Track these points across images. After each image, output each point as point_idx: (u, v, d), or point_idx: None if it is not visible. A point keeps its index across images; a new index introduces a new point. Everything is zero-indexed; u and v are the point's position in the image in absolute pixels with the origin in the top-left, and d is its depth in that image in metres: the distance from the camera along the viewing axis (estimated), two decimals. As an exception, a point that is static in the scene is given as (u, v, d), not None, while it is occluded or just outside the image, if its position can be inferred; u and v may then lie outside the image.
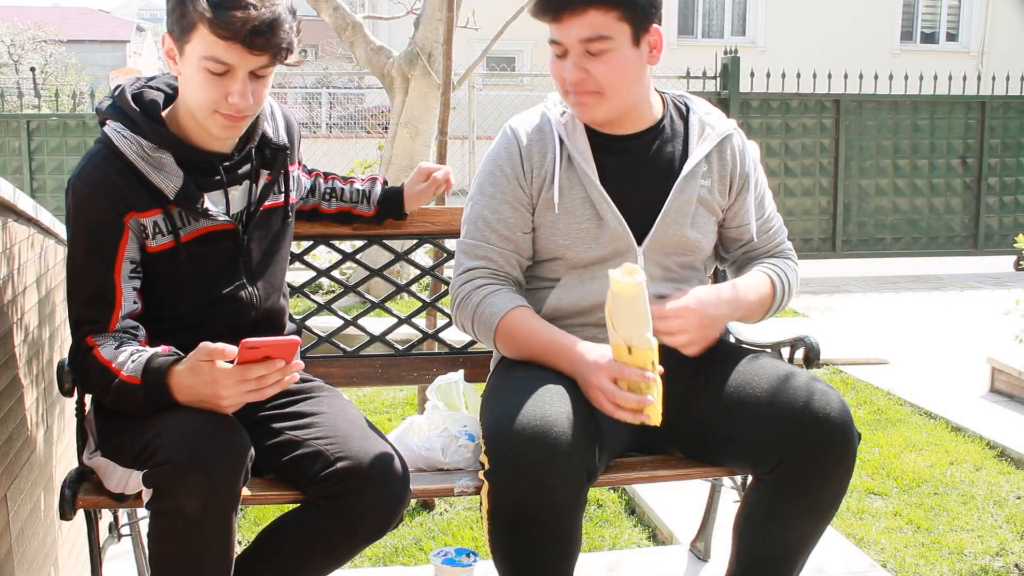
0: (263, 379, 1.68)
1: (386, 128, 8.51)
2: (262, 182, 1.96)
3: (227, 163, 1.89)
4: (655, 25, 1.92)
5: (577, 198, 2.01)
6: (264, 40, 1.72)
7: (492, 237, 2.01)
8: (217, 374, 1.67)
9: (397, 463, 1.83)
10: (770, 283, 2.07)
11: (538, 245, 2.06)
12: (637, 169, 2.03)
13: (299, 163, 2.15)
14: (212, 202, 1.87)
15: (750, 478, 2.02)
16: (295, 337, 1.72)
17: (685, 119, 2.09)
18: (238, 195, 1.92)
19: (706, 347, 1.92)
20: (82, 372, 1.79)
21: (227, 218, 1.89)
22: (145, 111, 1.82)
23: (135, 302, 1.82)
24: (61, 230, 2.47)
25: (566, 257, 2.03)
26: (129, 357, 1.74)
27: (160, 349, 1.75)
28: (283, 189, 2.01)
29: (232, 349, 1.66)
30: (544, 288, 2.07)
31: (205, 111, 1.78)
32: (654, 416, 1.76)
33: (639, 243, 2.02)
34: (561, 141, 2.01)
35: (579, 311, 2.03)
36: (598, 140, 2.02)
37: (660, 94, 2.10)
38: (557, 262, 2.05)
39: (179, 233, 1.84)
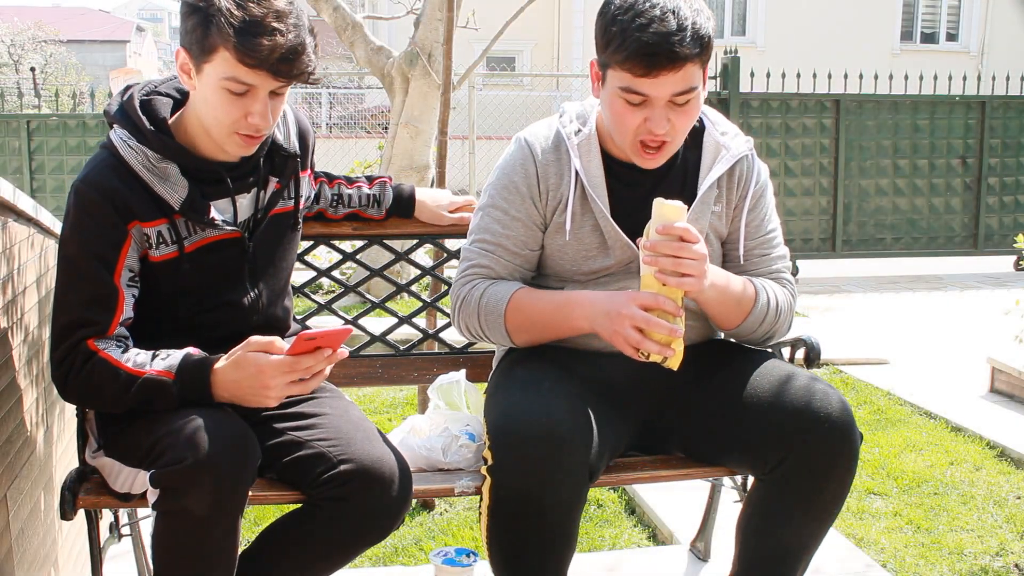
0: (310, 369, 1.70)
1: (386, 128, 8.51)
2: (270, 189, 1.95)
3: (234, 172, 1.88)
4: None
5: (587, 226, 1.99)
6: (289, 67, 1.71)
7: (500, 251, 2.00)
8: (263, 366, 1.68)
9: (400, 466, 1.84)
10: (754, 295, 1.97)
11: (543, 262, 2.05)
12: (650, 199, 1.95)
13: (310, 169, 2.13)
14: (219, 211, 1.86)
15: (751, 479, 2.02)
16: (348, 326, 1.73)
17: (699, 139, 2.02)
18: (246, 203, 1.91)
19: (698, 287, 1.79)
20: (83, 376, 1.74)
21: (233, 227, 1.88)
22: (153, 120, 1.80)
23: (131, 310, 1.81)
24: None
25: (572, 277, 2.03)
26: (151, 356, 1.74)
27: (190, 349, 1.76)
28: (292, 195, 2.00)
29: (283, 345, 1.69)
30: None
31: (223, 130, 1.77)
32: (677, 355, 1.77)
33: None
34: (576, 171, 1.96)
35: None
36: (613, 166, 1.99)
37: None
38: (561, 277, 2.04)
39: (183, 243, 1.83)
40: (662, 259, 1.75)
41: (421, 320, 2.84)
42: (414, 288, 2.61)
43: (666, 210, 1.77)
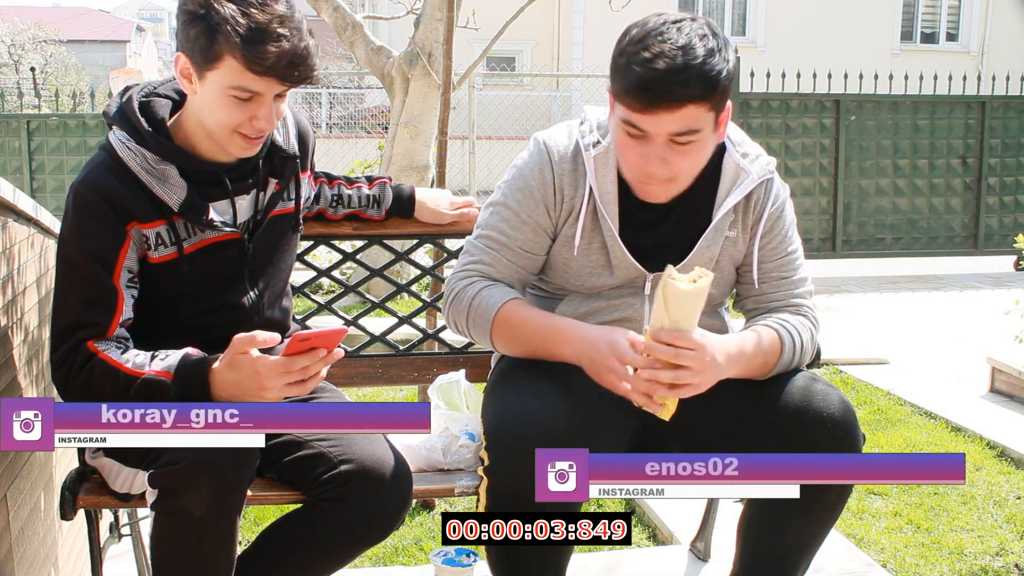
0: (307, 370, 1.68)
1: (386, 128, 8.51)
2: (270, 190, 1.94)
3: (233, 173, 1.87)
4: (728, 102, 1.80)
5: (596, 243, 1.95)
6: (296, 71, 1.72)
7: (504, 251, 1.95)
8: (260, 367, 1.66)
9: (400, 466, 1.84)
10: (779, 345, 1.92)
11: (546, 270, 2.02)
12: (663, 223, 1.94)
13: (310, 170, 2.13)
14: (218, 212, 1.86)
15: (751, 478, 2.02)
16: (342, 326, 1.72)
17: (718, 161, 1.92)
18: (245, 204, 1.91)
19: (697, 393, 1.79)
20: (83, 378, 1.73)
21: (232, 228, 1.87)
22: (151, 122, 1.80)
23: (131, 311, 1.81)
24: (61, 230, 2.46)
25: (574, 290, 2.00)
26: (150, 357, 1.73)
27: (189, 350, 1.75)
28: (292, 197, 2.00)
29: (266, 335, 1.67)
30: (549, 299, 2.05)
31: (225, 132, 1.77)
32: (669, 407, 1.73)
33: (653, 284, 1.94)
34: (591, 186, 1.91)
35: (587, 315, 1.99)
36: (628, 187, 1.91)
37: None
38: (563, 288, 2.02)
39: (183, 244, 1.83)
40: (659, 349, 1.70)
41: (421, 320, 2.84)
42: (414, 288, 2.61)
43: (681, 298, 1.67)
